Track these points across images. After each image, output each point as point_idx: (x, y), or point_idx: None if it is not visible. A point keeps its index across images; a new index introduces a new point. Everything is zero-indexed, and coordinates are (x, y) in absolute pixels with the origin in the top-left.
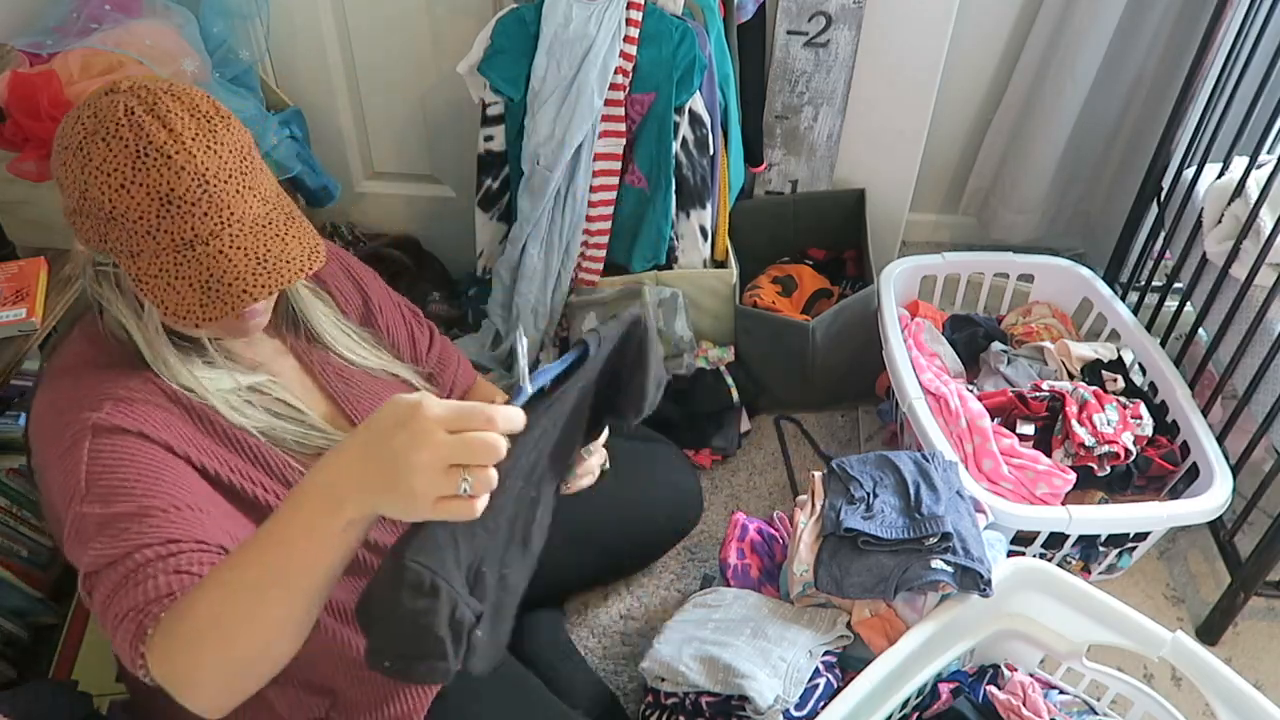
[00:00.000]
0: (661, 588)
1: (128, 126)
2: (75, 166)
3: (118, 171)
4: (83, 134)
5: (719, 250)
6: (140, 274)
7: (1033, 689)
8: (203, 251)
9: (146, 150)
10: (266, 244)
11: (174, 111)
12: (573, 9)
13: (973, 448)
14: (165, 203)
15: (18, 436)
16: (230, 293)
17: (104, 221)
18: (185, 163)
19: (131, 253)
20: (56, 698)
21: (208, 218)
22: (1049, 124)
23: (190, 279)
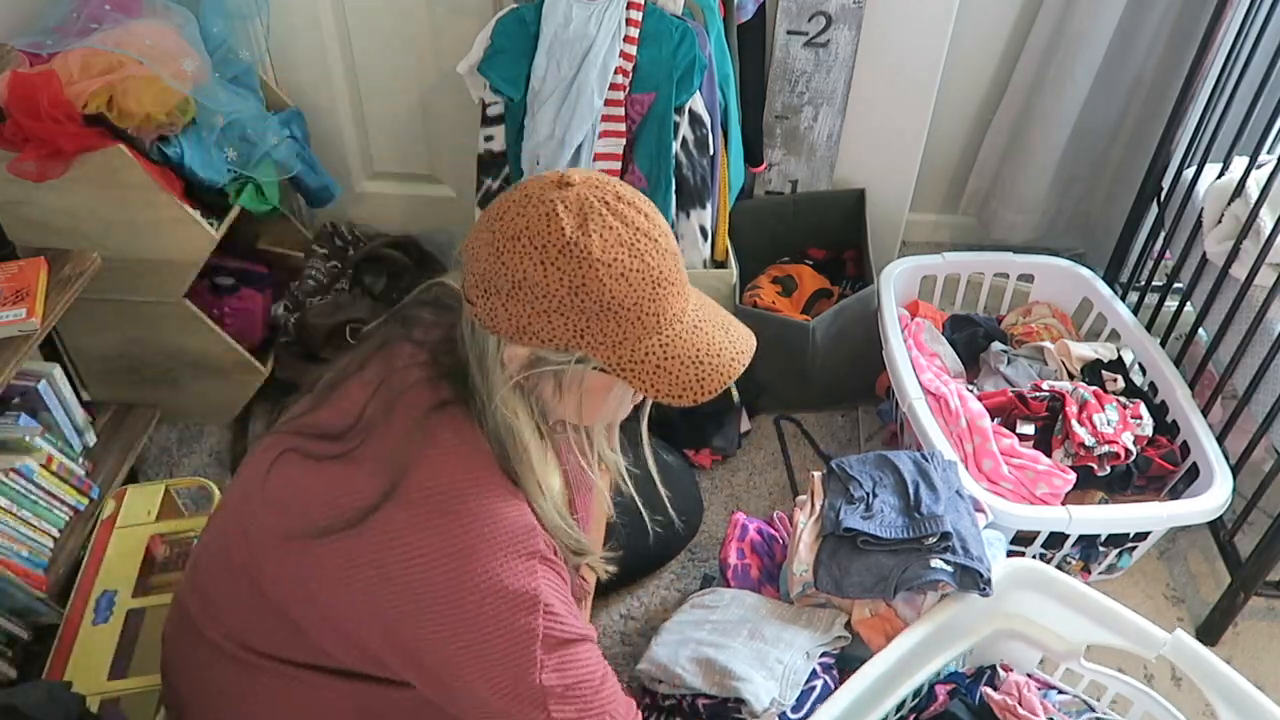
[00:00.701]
0: (661, 588)
1: (613, 216)
2: (569, 260)
3: (618, 261)
4: (571, 228)
5: (719, 250)
6: (625, 361)
7: (1028, 688)
8: (682, 330)
9: (637, 236)
10: (714, 314)
11: (635, 198)
12: (573, 9)
13: (973, 448)
14: (657, 285)
15: (18, 437)
16: (719, 363)
17: (593, 315)
18: (666, 244)
19: (614, 342)
20: (53, 697)
21: (680, 295)
22: (1049, 124)
23: (681, 357)
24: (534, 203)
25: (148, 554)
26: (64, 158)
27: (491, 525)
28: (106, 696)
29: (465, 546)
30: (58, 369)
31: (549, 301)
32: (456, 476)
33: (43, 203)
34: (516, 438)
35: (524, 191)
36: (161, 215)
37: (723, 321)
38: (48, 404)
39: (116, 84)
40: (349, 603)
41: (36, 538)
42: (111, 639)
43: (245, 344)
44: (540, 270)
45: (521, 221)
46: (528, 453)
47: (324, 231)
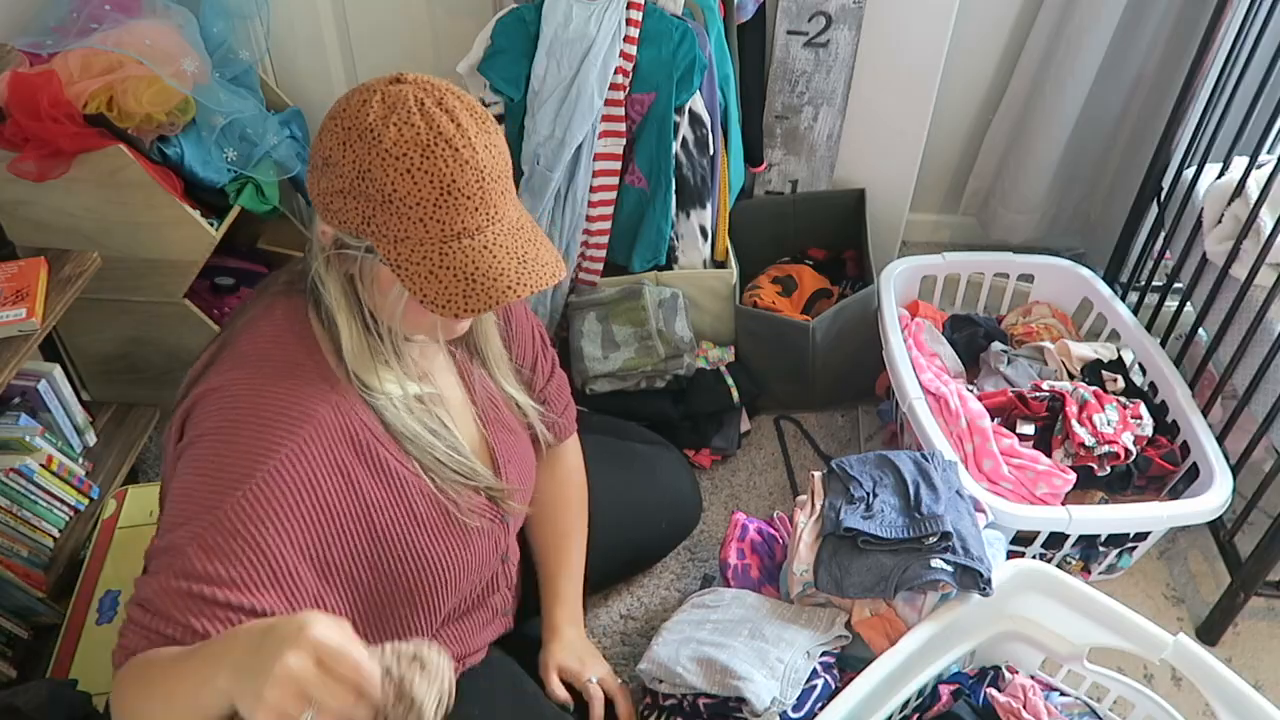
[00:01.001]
0: (661, 588)
1: (420, 115)
2: (361, 147)
3: (406, 156)
4: (374, 117)
5: (719, 250)
6: (401, 259)
7: (1033, 691)
8: (469, 245)
9: (436, 140)
10: (524, 246)
11: (459, 108)
12: (573, 9)
13: (973, 448)
14: (445, 192)
15: (18, 437)
16: (495, 287)
17: (378, 204)
18: (469, 157)
19: (396, 238)
20: (56, 696)
21: (478, 213)
22: (1049, 124)
23: (455, 270)
24: (362, 89)
25: None
26: (64, 158)
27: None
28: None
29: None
30: (58, 369)
31: (342, 182)
32: (272, 343)
33: (43, 203)
34: (331, 316)
35: (363, 82)
36: (161, 215)
37: (524, 255)
38: (48, 404)
39: (116, 84)
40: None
41: (36, 538)
42: (114, 638)
43: None
44: (340, 150)
45: (344, 103)
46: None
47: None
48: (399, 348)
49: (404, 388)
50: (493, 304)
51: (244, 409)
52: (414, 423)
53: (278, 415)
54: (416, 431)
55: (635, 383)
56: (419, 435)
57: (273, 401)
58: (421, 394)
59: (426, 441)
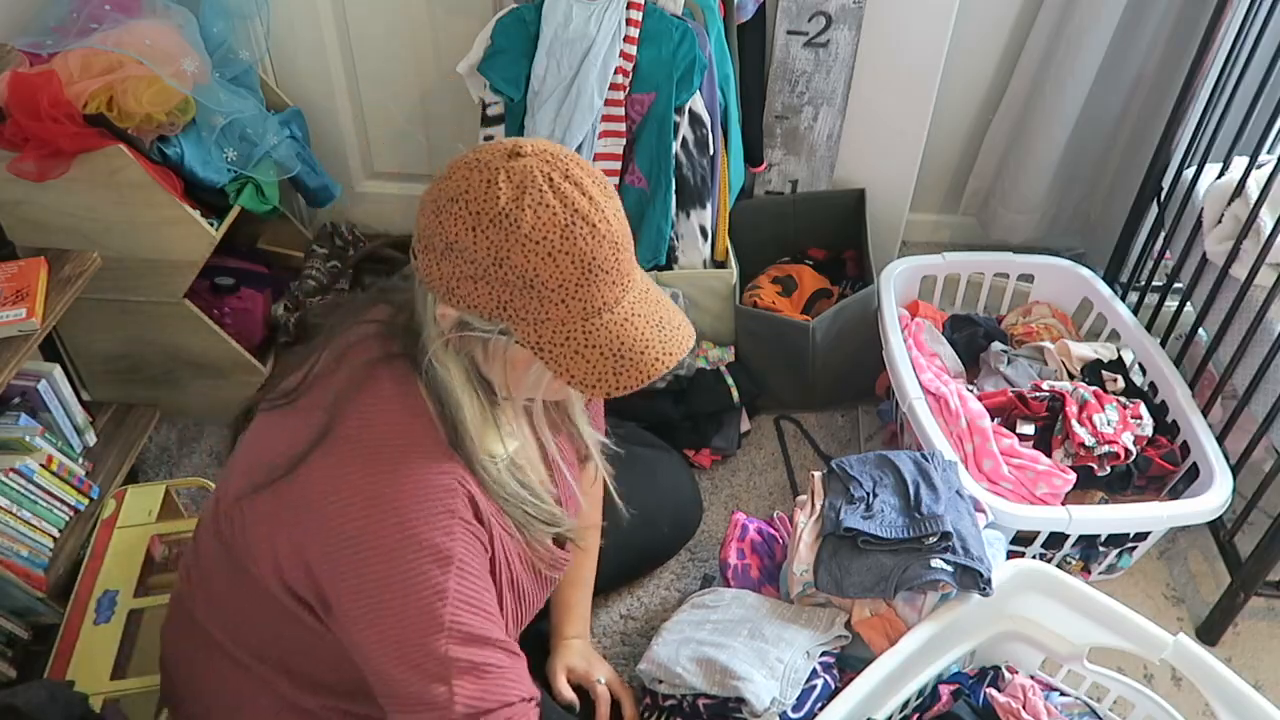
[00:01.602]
0: (661, 588)
1: (553, 194)
2: (495, 233)
3: (546, 240)
4: (505, 200)
5: (719, 250)
6: (544, 342)
7: (1033, 692)
8: (610, 319)
9: (574, 219)
10: (657, 310)
11: (586, 179)
12: (573, 9)
13: (973, 448)
14: (587, 271)
15: (18, 437)
16: (643, 360)
17: (517, 290)
18: (606, 231)
19: (537, 320)
20: (54, 696)
21: (616, 285)
22: (1049, 124)
23: (601, 348)
24: (480, 168)
25: (148, 554)
26: (64, 158)
27: (412, 478)
28: (108, 696)
29: (382, 494)
30: (58, 369)
31: (474, 268)
32: (388, 426)
33: (43, 203)
34: (449, 394)
35: (477, 155)
36: (161, 215)
37: (660, 319)
38: (48, 404)
39: (116, 84)
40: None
41: (36, 538)
42: (113, 639)
43: (245, 344)
44: (470, 236)
45: (464, 184)
46: (461, 410)
47: (324, 231)
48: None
49: (507, 449)
50: (645, 379)
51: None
52: (513, 483)
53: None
54: (515, 492)
55: None
56: (517, 494)
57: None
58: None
59: (521, 498)
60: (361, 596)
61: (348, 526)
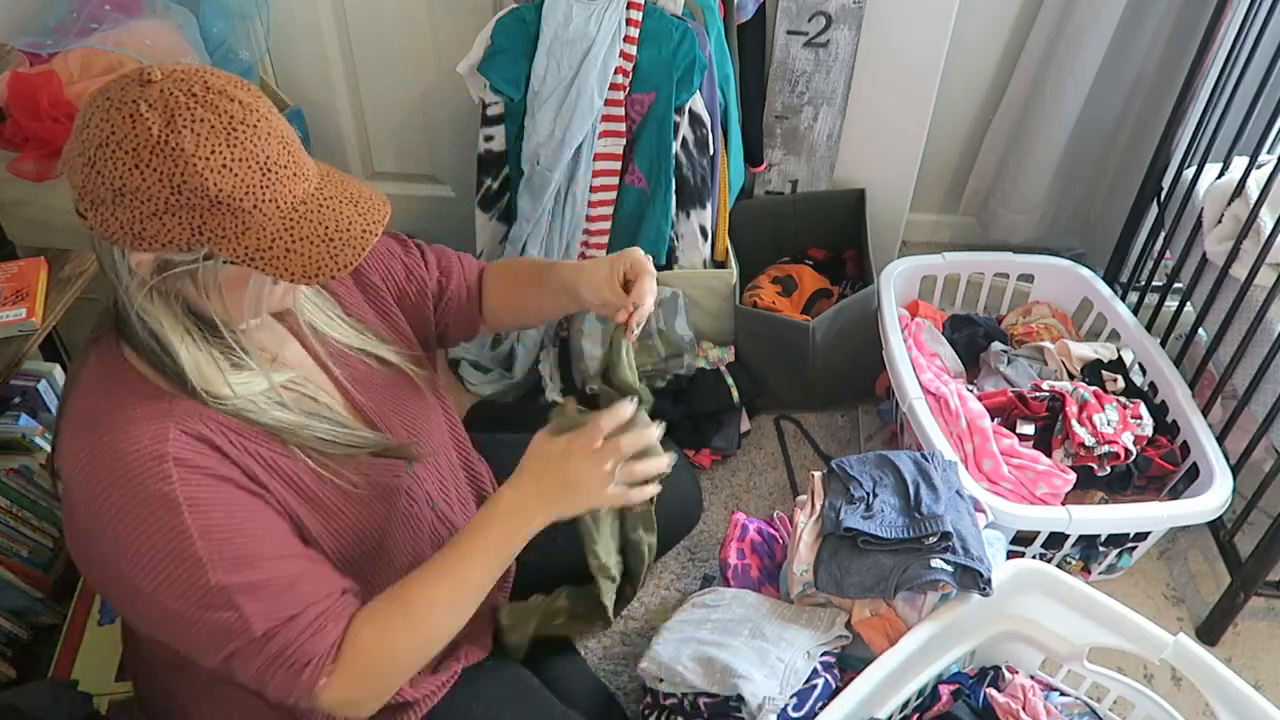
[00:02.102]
0: (661, 588)
1: (202, 107)
2: (160, 161)
3: (216, 153)
4: (157, 127)
5: (719, 250)
6: (252, 250)
7: (1033, 692)
8: (306, 209)
9: (233, 125)
10: (345, 189)
11: (228, 86)
12: (573, 9)
13: (973, 448)
14: (265, 171)
15: (18, 437)
16: (350, 238)
17: (205, 209)
18: (268, 129)
19: (238, 232)
20: (56, 697)
21: (299, 178)
22: (1049, 124)
23: (310, 237)
24: (116, 105)
25: None
26: None
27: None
28: (114, 697)
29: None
30: (58, 369)
31: (154, 204)
32: (92, 396)
33: (43, 203)
34: (167, 344)
35: (106, 95)
36: None
37: (352, 195)
38: (48, 404)
39: None
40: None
41: (36, 538)
42: (117, 639)
43: None
44: (137, 175)
45: (108, 127)
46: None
47: None
48: (243, 343)
49: (269, 379)
50: (362, 250)
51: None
52: (286, 414)
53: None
54: (294, 421)
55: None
56: (296, 423)
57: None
58: (281, 381)
59: (301, 425)
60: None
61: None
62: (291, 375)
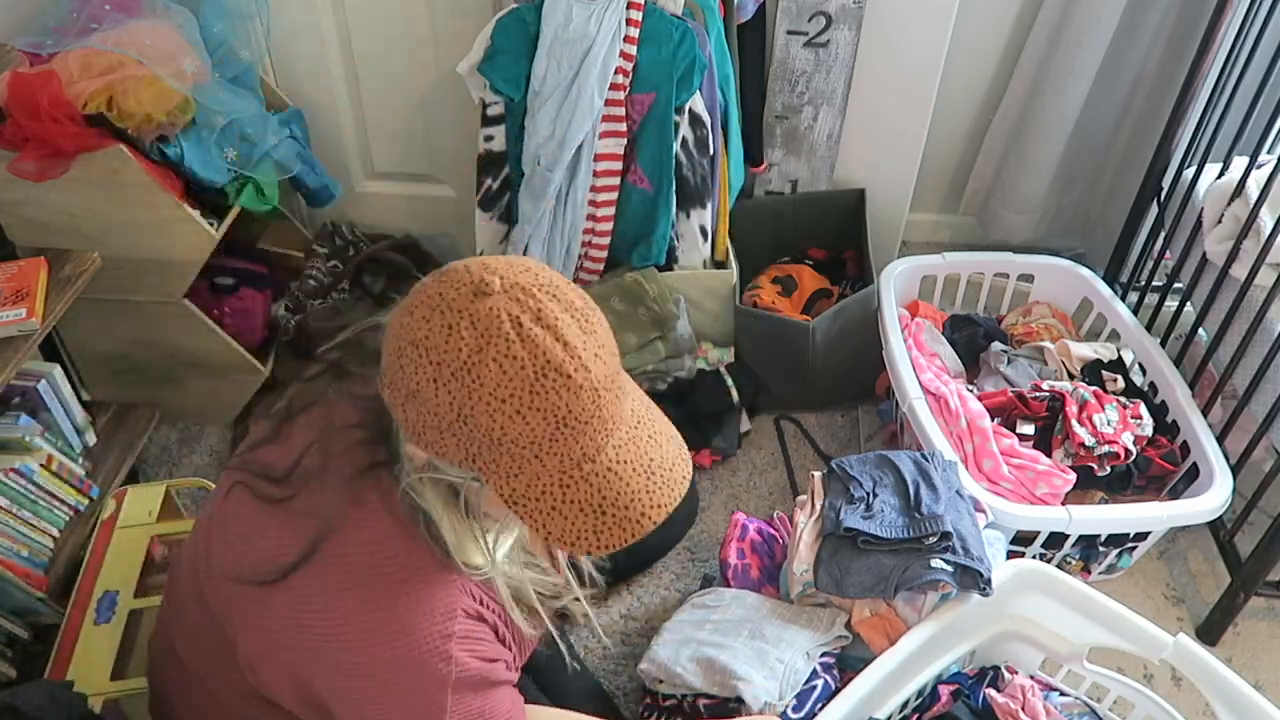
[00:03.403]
0: (661, 588)
1: (520, 344)
2: (457, 386)
3: (514, 398)
4: (467, 351)
5: (719, 250)
6: (518, 495)
7: (1032, 692)
8: (590, 470)
9: (544, 371)
10: (647, 450)
11: (561, 318)
12: (573, 9)
13: (973, 448)
14: (561, 426)
15: (18, 437)
16: (628, 516)
17: (483, 444)
18: (583, 380)
19: (509, 474)
20: (54, 697)
21: (599, 433)
22: (1049, 124)
23: (581, 503)
24: (443, 310)
25: (148, 554)
26: (64, 158)
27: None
28: (109, 697)
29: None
30: (58, 369)
31: (438, 419)
32: (377, 547)
33: (43, 203)
34: (430, 517)
35: (441, 290)
36: (161, 215)
37: (650, 462)
38: (48, 404)
39: (116, 84)
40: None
41: (36, 538)
42: (114, 639)
43: (245, 344)
44: (432, 388)
45: (425, 328)
46: (443, 528)
47: (324, 231)
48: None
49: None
50: (631, 536)
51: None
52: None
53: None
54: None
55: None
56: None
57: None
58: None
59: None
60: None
61: (346, 653)
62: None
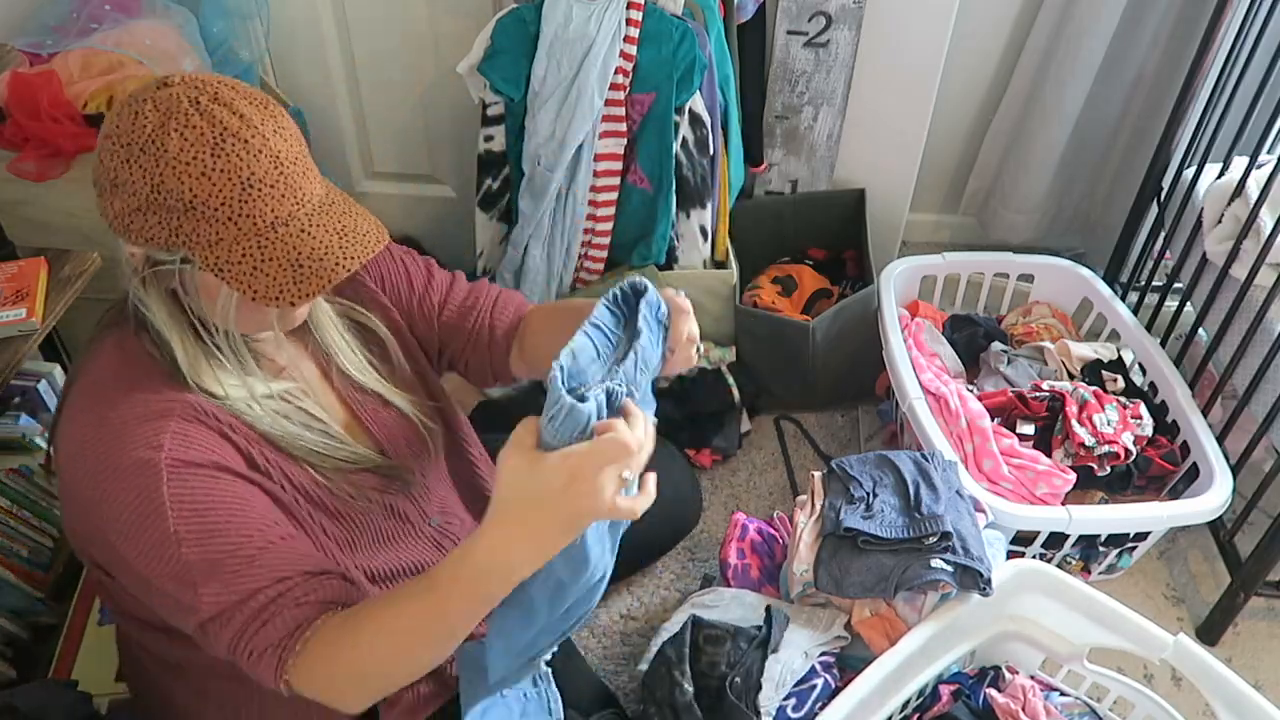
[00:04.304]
0: (661, 588)
1: (199, 115)
2: (146, 160)
3: (197, 160)
4: (151, 127)
5: (719, 250)
6: (221, 262)
7: (1033, 693)
8: (285, 232)
9: (223, 136)
10: (340, 220)
11: (237, 99)
12: (573, 9)
13: (973, 448)
14: (246, 186)
15: (18, 437)
16: (322, 268)
17: (180, 213)
18: (260, 146)
19: (210, 242)
20: (56, 697)
21: (285, 199)
22: (1049, 124)
23: (279, 259)
24: (130, 101)
25: None
26: (64, 158)
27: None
28: (114, 697)
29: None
30: (58, 369)
31: (137, 199)
32: (101, 374)
33: (43, 203)
34: (158, 334)
35: (131, 92)
36: None
37: (344, 227)
38: (48, 404)
39: (116, 84)
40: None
41: (36, 538)
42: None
43: None
44: (126, 168)
45: (116, 119)
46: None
47: None
48: (239, 350)
49: (251, 390)
50: (326, 284)
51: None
52: (278, 421)
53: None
54: (285, 428)
55: None
56: (288, 430)
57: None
58: (279, 391)
59: (296, 435)
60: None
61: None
62: (288, 386)
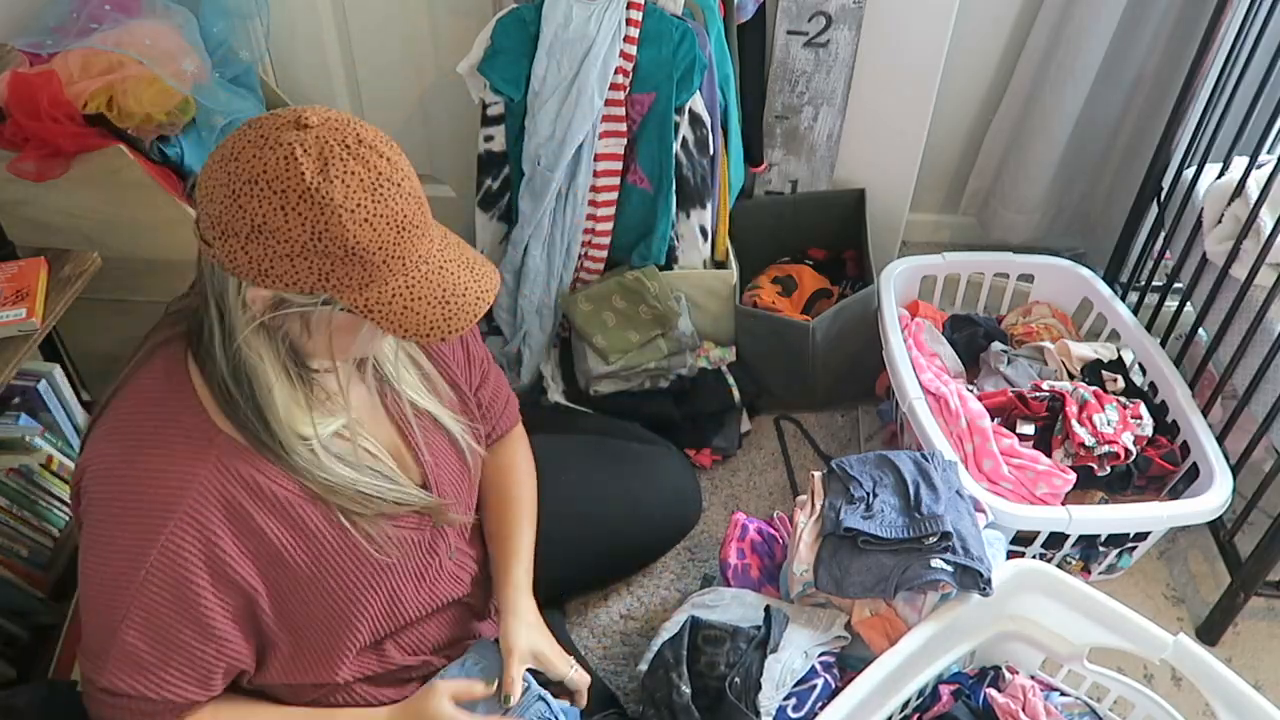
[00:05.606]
0: (661, 588)
1: (354, 160)
2: (306, 208)
3: (361, 207)
4: (310, 174)
5: (719, 250)
6: (372, 303)
7: (1033, 693)
8: (427, 270)
9: (378, 181)
10: (461, 253)
11: (377, 140)
12: (573, 9)
13: (973, 448)
14: (401, 229)
15: (18, 437)
16: (466, 301)
17: (338, 258)
18: (409, 188)
19: (361, 284)
20: (56, 697)
21: (425, 238)
22: (1049, 124)
23: (427, 298)
24: (271, 145)
25: None
26: (64, 158)
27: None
28: None
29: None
30: (58, 369)
31: (290, 246)
32: (145, 402)
33: (43, 203)
34: (260, 380)
35: (259, 131)
36: (161, 215)
37: (467, 260)
38: (48, 404)
39: (116, 84)
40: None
41: (36, 538)
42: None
43: None
44: (280, 216)
45: (259, 164)
46: (272, 394)
47: None
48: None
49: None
50: (473, 318)
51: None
52: (335, 467)
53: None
54: (338, 474)
55: (639, 382)
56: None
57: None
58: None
59: (349, 479)
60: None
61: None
62: (343, 421)
